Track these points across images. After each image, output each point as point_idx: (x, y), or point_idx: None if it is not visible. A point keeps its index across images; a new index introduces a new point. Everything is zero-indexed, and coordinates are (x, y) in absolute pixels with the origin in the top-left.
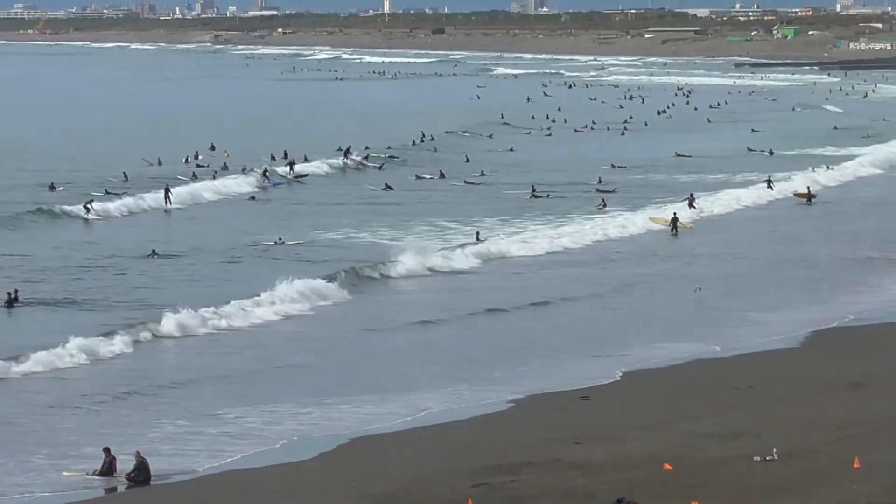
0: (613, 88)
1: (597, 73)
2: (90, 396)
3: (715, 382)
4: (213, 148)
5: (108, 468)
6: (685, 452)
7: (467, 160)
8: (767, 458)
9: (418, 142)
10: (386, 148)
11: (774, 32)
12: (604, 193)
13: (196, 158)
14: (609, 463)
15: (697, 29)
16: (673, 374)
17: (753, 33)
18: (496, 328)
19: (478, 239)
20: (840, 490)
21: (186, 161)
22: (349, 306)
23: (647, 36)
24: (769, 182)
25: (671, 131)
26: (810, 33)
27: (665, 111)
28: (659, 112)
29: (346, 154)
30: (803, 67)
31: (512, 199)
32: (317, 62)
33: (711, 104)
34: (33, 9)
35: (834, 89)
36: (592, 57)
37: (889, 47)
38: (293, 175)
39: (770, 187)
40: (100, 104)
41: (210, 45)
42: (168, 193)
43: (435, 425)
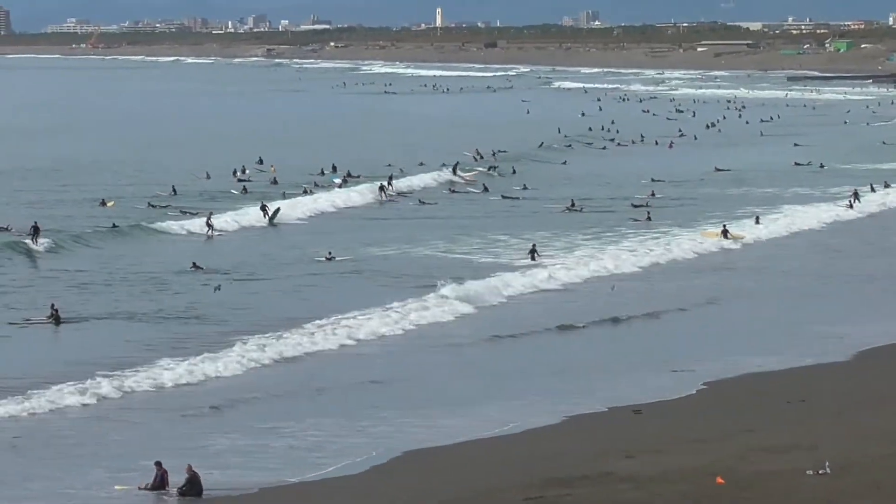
0: (668, 102)
1: (655, 87)
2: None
3: (768, 395)
4: (261, 161)
5: (160, 482)
6: (737, 466)
7: (514, 171)
8: (820, 472)
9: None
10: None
11: (827, 46)
12: (639, 208)
13: (243, 172)
14: (661, 476)
15: (750, 42)
16: (725, 388)
17: (806, 46)
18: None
19: (533, 253)
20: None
21: (234, 174)
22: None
23: (700, 49)
24: (855, 196)
25: (720, 145)
26: (863, 46)
27: (714, 125)
28: (708, 126)
29: (455, 170)
30: (856, 81)
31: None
32: (373, 76)
33: (763, 118)
34: (86, 23)
35: (884, 102)
36: (656, 71)
37: None
38: (394, 191)
39: (852, 205)
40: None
41: (264, 59)
42: (209, 220)
43: (488, 438)
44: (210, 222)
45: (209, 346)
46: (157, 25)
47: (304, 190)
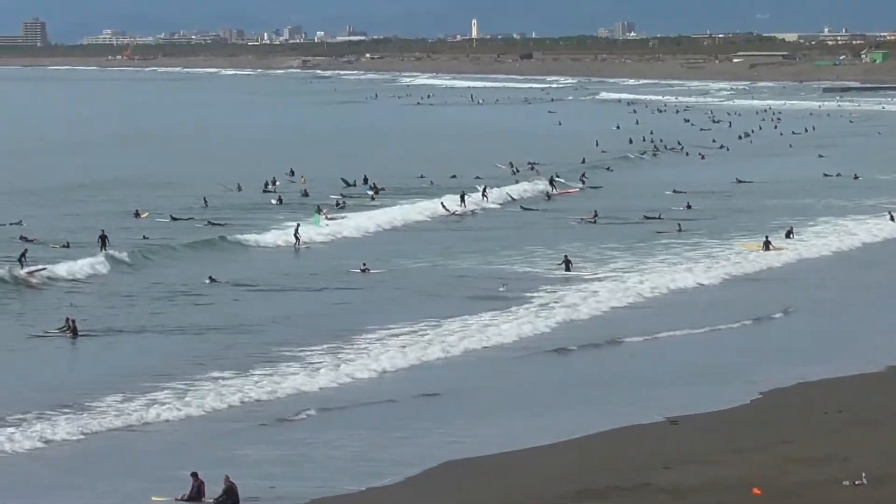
0: (705, 114)
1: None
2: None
3: (804, 407)
4: (293, 173)
5: (197, 493)
6: (774, 477)
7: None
8: (857, 483)
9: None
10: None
11: (863, 56)
12: (652, 220)
13: (274, 184)
14: (698, 487)
15: (786, 53)
16: (762, 399)
17: (842, 57)
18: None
19: (567, 263)
20: None
21: (266, 186)
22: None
23: (736, 60)
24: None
25: (751, 156)
26: None
27: (748, 135)
28: (740, 136)
29: (552, 182)
30: (893, 91)
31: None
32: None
33: (796, 129)
34: (122, 35)
35: None
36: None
37: None
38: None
39: (893, 217)
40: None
41: (301, 70)
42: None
43: (525, 449)
44: (298, 234)
45: (254, 358)
46: (193, 37)
47: (337, 203)
